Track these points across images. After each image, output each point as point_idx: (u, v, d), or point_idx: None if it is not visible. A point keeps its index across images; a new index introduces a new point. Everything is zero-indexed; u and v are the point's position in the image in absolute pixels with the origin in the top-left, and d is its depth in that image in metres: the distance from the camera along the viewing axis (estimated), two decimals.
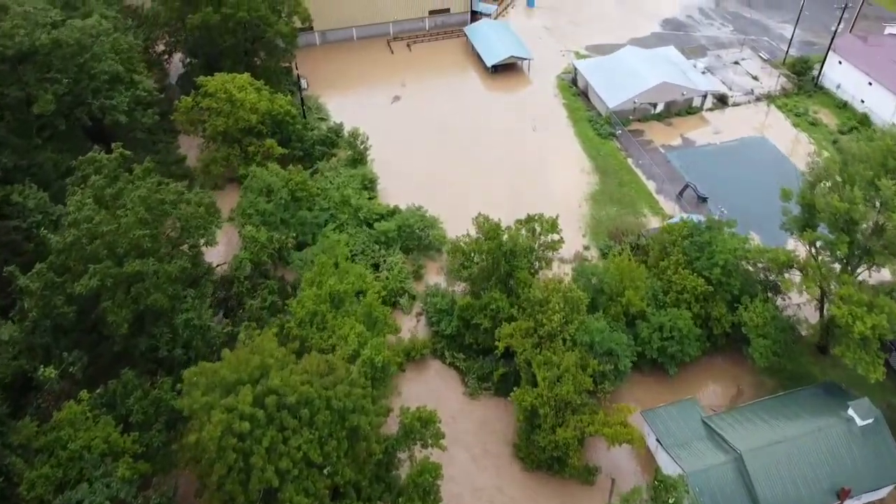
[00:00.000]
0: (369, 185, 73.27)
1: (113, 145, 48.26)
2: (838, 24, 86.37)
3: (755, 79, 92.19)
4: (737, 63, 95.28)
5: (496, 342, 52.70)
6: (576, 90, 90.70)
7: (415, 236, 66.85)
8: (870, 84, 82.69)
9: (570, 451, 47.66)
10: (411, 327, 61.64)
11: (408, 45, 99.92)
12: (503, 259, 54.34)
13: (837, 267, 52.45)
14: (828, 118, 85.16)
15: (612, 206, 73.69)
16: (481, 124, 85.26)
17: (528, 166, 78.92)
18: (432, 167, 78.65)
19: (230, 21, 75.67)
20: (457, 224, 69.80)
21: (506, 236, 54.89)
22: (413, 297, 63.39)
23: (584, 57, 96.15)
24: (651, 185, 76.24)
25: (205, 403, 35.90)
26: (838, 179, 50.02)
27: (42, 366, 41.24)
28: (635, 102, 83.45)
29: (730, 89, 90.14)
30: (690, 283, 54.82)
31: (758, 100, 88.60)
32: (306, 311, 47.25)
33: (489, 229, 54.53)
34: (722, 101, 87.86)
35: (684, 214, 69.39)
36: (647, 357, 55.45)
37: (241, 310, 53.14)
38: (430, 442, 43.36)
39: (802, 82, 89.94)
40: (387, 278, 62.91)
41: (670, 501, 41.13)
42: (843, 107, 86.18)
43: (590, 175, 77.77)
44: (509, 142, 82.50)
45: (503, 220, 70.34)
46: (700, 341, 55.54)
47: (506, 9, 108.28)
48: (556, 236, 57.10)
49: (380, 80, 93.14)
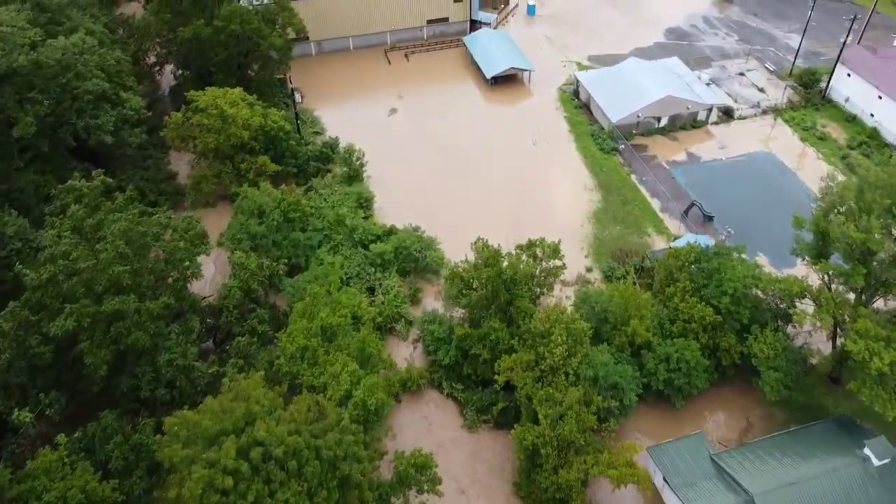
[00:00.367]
0: (365, 203, 71.08)
1: (94, 173, 46.04)
2: (847, 36, 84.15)
3: (761, 91, 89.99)
4: (742, 74, 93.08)
5: (496, 374, 50.68)
6: (578, 102, 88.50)
7: (412, 258, 64.66)
8: (880, 98, 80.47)
9: (573, 493, 45.47)
10: (407, 355, 59.49)
11: (405, 56, 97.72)
12: (503, 287, 52.17)
13: (851, 296, 50.33)
14: (836, 132, 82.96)
15: (616, 225, 71.49)
16: (481, 138, 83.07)
17: (529, 182, 76.72)
18: (430, 183, 76.48)
19: (222, 34, 73.54)
20: (455, 244, 67.80)
21: (506, 263, 52.71)
22: (410, 323, 61.21)
23: (586, 68, 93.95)
24: (655, 203, 74.03)
25: (185, 457, 33.71)
26: (853, 206, 47.84)
27: (17, 408, 39.04)
28: (639, 116, 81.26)
29: (735, 102, 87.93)
30: (698, 313, 52.62)
31: (764, 113, 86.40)
32: (297, 347, 45.09)
33: (488, 256, 52.35)
34: (727, 114, 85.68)
35: (690, 235, 67.30)
36: (653, 388, 53.30)
37: (230, 341, 50.92)
38: (426, 488, 41.16)
39: (810, 95, 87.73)
40: (382, 303, 60.73)
41: None
42: (851, 120, 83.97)
43: (592, 192, 75.56)
44: (509, 156, 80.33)
45: (503, 239, 68.70)
46: (708, 372, 53.39)
47: (506, 17, 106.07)
48: (558, 262, 55.00)
49: (377, 92, 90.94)
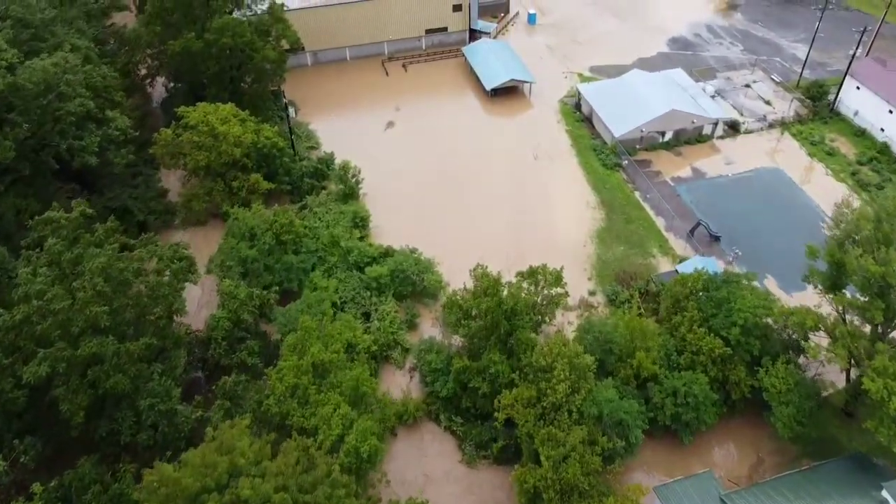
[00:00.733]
0: (361, 222, 68.89)
1: (73, 203, 43.86)
2: (856, 48, 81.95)
3: (768, 103, 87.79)
4: (748, 86, 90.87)
5: (496, 409, 48.52)
6: (579, 115, 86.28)
7: (409, 282, 62.43)
8: (890, 112, 78.28)
9: None
10: (404, 385, 57.25)
11: (403, 66, 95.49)
12: (503, 317, 49.96)
13: (867, 328, 48.15)
14: (845, 147, 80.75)
15: (620, 245, 69.28)
16: (480, 153, 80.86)
17: (530, 200, 74.49)
18: (428, 201, 74.27)
19: (213, 47, 71.34)
20: (454, 265, 65.76)
21: (506, 292, 50.51)
22: (406, 350, 58.98)
23: (587, 79, 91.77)
24: (660, 222, 71.80)
25: None
26: (871, 235, 45.65)
27: None
28: (643, 131, 79.06)
29: (741, 115, 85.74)
30: (707, 345, 50.42)
31: (771, 126, 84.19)
32: (286, 386, 42.89)
33: (488, 285, 50.13)
34: (733, 128, 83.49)
35: (697, 257, 65.13)
36: (659, 423, 51.09)
37: (220, 373, 48.75)
38: None
39: (817, 108, 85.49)
40: (378, 329, 58.52)
41: None
42: (861, 135, 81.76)
43: (595, 210, 73.34)
44: (510, 172, 78.11)
45: (503, 260, 66.82)
46: (717, 406, 51.20)
47: (506, 27, 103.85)
48: (560, 290, 52.83)
49: (374, 104, 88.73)
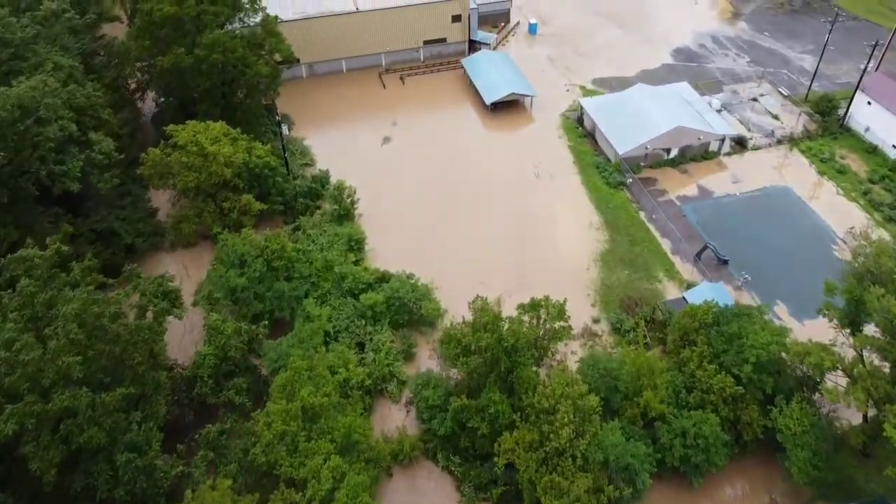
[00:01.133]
0: (356, 245, 66.44)
1: (48, 240, 41.37)
2: (867, 63, 79.51)
3: (775, 118, 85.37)
4: (755, 100, 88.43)
5: (496, 451, 46.19)
6: (582, 131, 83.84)
7: (405, 309, 59.99)
8: None
9: None
10: (400, 420, 54.80)
11: (401, 79, 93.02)
12: (504, 354, 47.55)
13: (887, 367, 45.80)
14: (856, 164, 78.34)
15: (624, 268, 66.84)
16: (479, 170, 78.41)
17: (532, 220, 72.06)
18: (425, 221, 71.83)
19: (204, 63, 68.85)
20: (452, 290, 63.54)
21: (506, 327, 48.09)
22: (402, 383, 56.56)
23: (590, 93, 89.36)
24: (666, 244, 69.38)
25: None
26: (891, 270, 43.29)
27: None
28: (647, 148, 76.61)
29: (748, 130, 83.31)
30: (717, 383, 48.01)
31: (779, 142, 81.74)
32: (275, 433, 40.49)
33: (487, 321, 47.70)
34: (741, 144, 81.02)
35: (705, 283, 62.71)
36: (667, 464, 48.66)
37: (204, 413, 46.32)
38: None
39: (827, 123, 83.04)
40: (373, 361, 56.10)
41: None
42: (872, 151, 79.34)
43: (599, 231, 70.90)
44: (510, 191, 75.65)
45: (503, 285, 64.65)
46: (728, 447, 48.78)
47: (506, 37, 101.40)
48: (563, 323, 50.46)
49: (370, 118, 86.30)
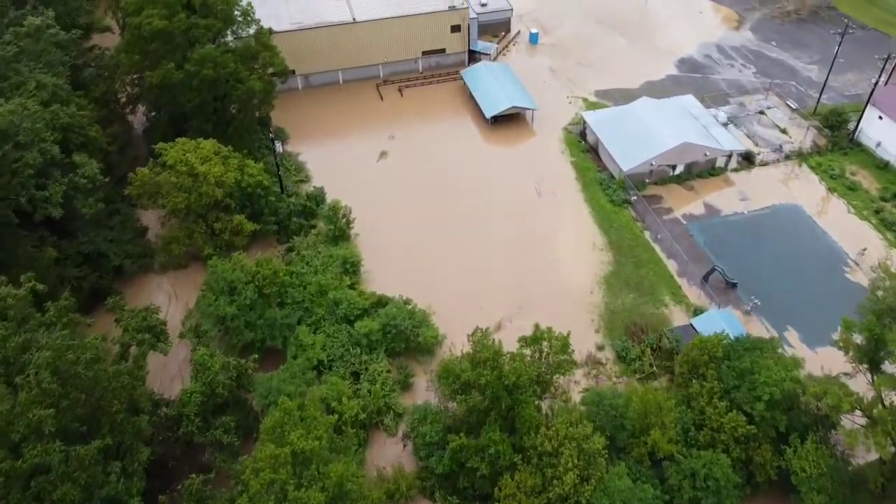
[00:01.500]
0: (351, 268, 64.18)
1: (23, 278, 39.14)
2: (879, 76, 77.23)
3: (783, 132, 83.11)
4: (762, 113, 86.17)
5: (497, 496, 44.04)
6: (584, 145, 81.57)
7: (402, 337, 57.77)
8: None
9: None
10: (395, 455, 52.56)
11: (399, 90, 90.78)
12: (504, 392, 45.33)
13: None
14: (867, 181, 76.07)
15: (629, 292, 64.59)
16: (479, 187, 76.14)
17: (534, 241, 69.76)
18: (422, 241, 69.57)
19: (194, 79, 66.63)
20: (451, 314, 61.57)
21: (507, 363, 45.85)
22: (399, 416, 54.34)
23: (593, 106, 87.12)
24: (672, 266, 67.13)
25: None
26: None
27: None
28: (653, 164, 74.35)
29: (756, 145, 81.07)
30: (729, 422, 45.79)
31: (787, 157, 79.47)
32: (262, 482, 38.26)
33: (487, 357, 45.44)
34: (748, 159, 78.76)
35: (714, 309, 60.51)
36: None
37: (190, 453, 44.09)
38: None
39: (836, 138, 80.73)
40: (368, 393, 53.86)
41: None
42: (884, 168, 77.09)
43: (603, 252, 68.63)
44: (511, 208, 73.36)
45: (504, 309, 62.69)
46: (739, 488, 46.54)
47: (507, 47, 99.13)
48: (567, 357, 48.25)
49: (367, 132, 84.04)
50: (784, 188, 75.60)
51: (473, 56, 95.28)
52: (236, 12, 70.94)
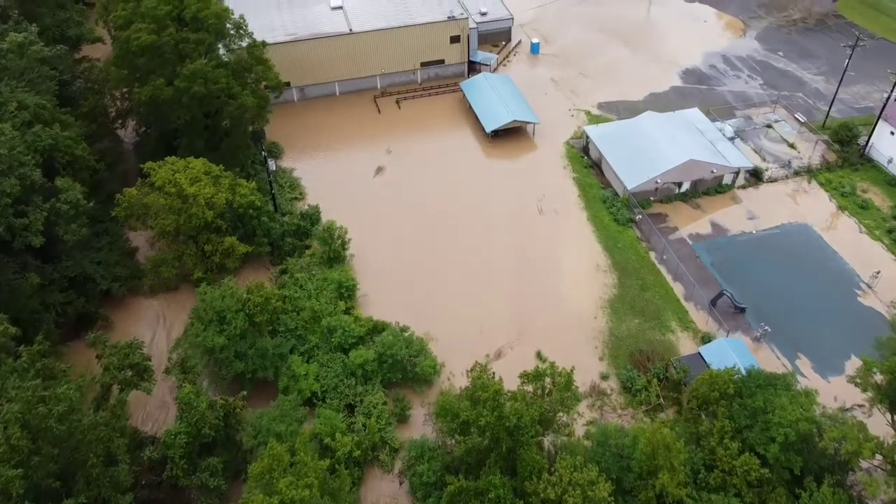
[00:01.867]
0: (347, 293, 61.96)
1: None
2: (892, 91, 74.88)
3: (791, 146, 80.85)
4: (769, 126, 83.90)
5: None
6: (588, 161, 79.30)
7: (399, 367, 55.58)
8: None
9: None
10: (391, 493, 50.36)
11: (397, 102, 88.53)
12: (505, 434, 43.12)
13: None
14: (879, 199, 73.80)
15: (634, 317, 62.38)
16: (479, 205, 73.89)
17: (535, 262, 67.52)
18: (420, 263, 67.29)
19: (184, 95, 64.38)
20: (450, 341, 59.85)
21: (508, 404, 43.61)
22: (395, 450, 52.15)
23: (596, 119, 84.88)
24: (678, 289, 64.89)
25: None
26: None
27: None
28: (658, 182, 72.06)
29: (763, 160, 78.82)
30: (741, 465, 43.58)
31: (796, 174, 77.21)
32: None
33: (487, 398, 43.15)
34: (756, 175, 76.50)
35: (723, 339, 58.26)
36: None
37: (176, 498, 41.89)
38: None
39: (846, 153, 78.43)
40: (364, 427, 51.65)
41: None
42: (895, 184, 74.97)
43: (606, 274, 66.39)
44: (512, 228, 71.15)
45: (504, 336, 60.68)
46: None
47: (507, 57, 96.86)
48: (570, 394, 46.05)
49: (364, 146, 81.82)
50: (793, 206, 73.34)
51: (473, 67, 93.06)
52: (228, 26, 68.67)
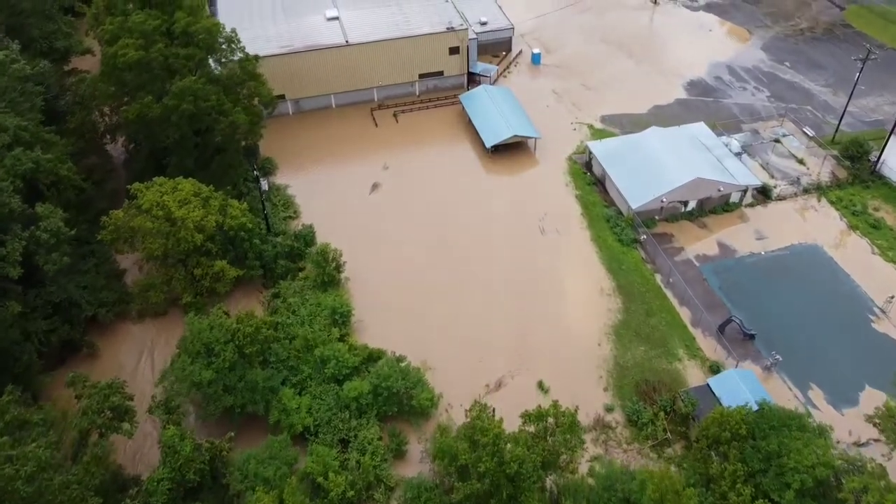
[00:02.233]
0: (341, 319, 59.70)
1: None
2: None
3: (800, 162, 78.58)
4: (777, 141, 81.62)
5: None
6: (590, 177, 77.02)
7: (395, 400, 53.32)
8: None
9: None
10: None
11: (394, 115, 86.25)
12: (506, 480, 40.93)
13: None
14: (892, 217, 71.53)
15: (640, 344, 60.14)
16: (478, 223, 71.61)
17: (536, 284, 65.27)
18: (417, 286, 65.00)
19: (173, 114, 62.14)
20: (448, 369, 58.17)
21: (509, 448, 41.43)
22: (391, 489, 49.91)
23: (598, 133, 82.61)
24: (685, 314, 62.64)
25: None
26: None
27: None
28: (663, 201, 69.81)
29: (772, 177, 76.57)
30: None
31: (805, 191, 74.93)
32: None
33: (487, 442, 40.95)
34: (764, 193, 74.23)
35: (733, 370, 55.95)
36: None
37: None
38: None
39: (857, 170, 76.15)
40: (357, 464, 49.40)
41: None
42: None
43: (611, 298, 64.13)
44: (513, 248, 68.85)
45: (505, 364, 58.72)
46: None
47: (507, 68, 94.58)
48: (574, 436, 43.88)
49: (360, 161, 79.54)
50: (802, 226, 71.07)
51: (473, 78, 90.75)
52: (220, 40, 66.41)
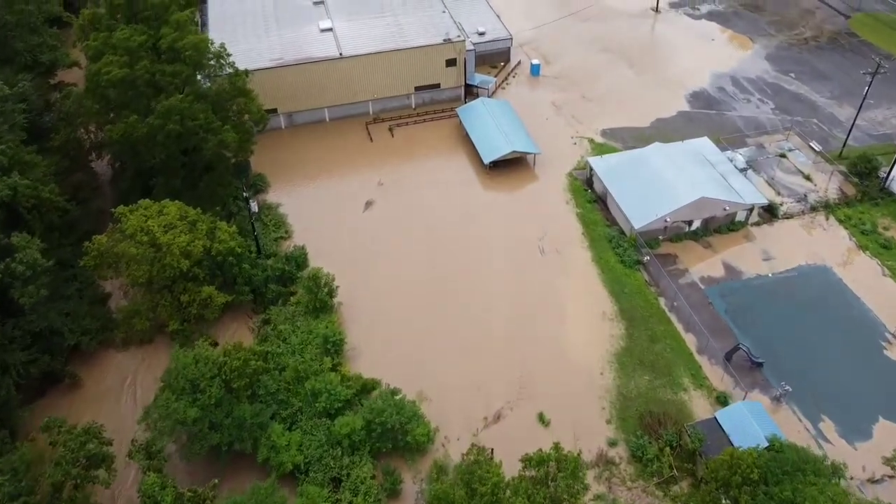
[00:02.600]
0: (333, 348, 57.46)
1: None
2: None
3: (807, 179, 76.39)
4: (783, 156, 79.46)
5: None
6: (592, 195, 74.70)
7: (389, 436, 51.06)
8: None
9: None
10: None
11: (390, 129, 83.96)
12: None
13: None
14: None
15: (644, 372, 57.94)
16: (476, 244, 69.27)
17: (536, 308, 63.03)
18: (413, 311, 62.82)
19: (159, 133, 59.88)
20: (445, 400, 56.55)
21: (508, 494, 39.22)
22: None
23: (599, 148, 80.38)
24: (690, 341, 60.45)
25: None
26: None
27: None
28: (667, 221, 67.61)
29: (778, 194, 74.39)
30: None
31: (813, 209, 72.74)
32: None
33: (485, 492, 38.75)
34: (770, 211, 72.03)
35: (741, 403, 53.69)
36: None
37: None
38: None
39: (866, 187, 73.98)
40: None
41: None
42: None
43: (613, 323, 61.92)
44: (511, 270, 66.58)
45: (504, 394, 56.78)
46: None
47: (506, 79, 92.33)
48: (578, 482, 41.66)
49: (354, 177, 77.30)
50: (810, 245, 68.84)
51: (470, 90, 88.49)
52: (208, 56, 64.15)
